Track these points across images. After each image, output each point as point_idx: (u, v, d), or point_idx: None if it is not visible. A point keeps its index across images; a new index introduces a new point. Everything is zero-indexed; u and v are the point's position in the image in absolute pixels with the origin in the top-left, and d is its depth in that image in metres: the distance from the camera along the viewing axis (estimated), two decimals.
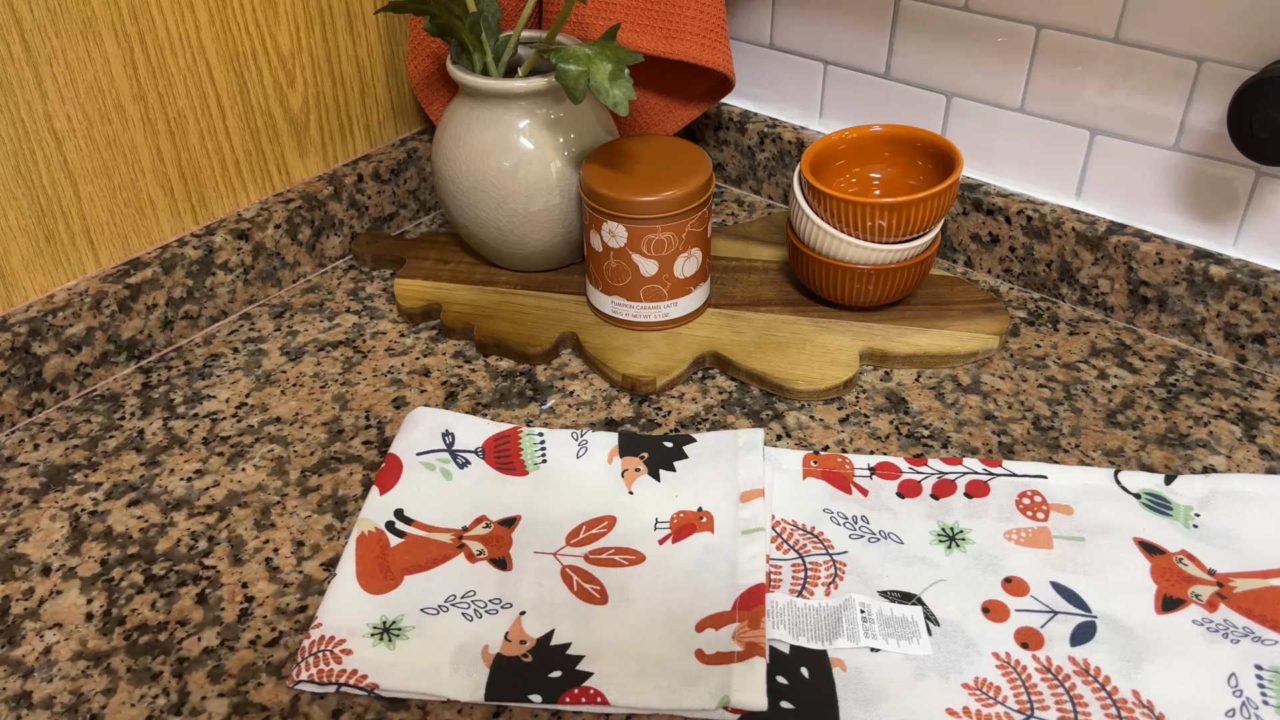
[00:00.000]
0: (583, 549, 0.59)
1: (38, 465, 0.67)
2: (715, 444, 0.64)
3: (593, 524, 0.61)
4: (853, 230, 0.70)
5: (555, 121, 0.74)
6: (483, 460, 0.64)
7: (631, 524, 0.60)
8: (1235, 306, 0.71)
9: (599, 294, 0.75)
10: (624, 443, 0.65)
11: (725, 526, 0.59)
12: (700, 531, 0.59)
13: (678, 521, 0.60)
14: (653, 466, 0.63)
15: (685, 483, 0.63)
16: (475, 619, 0.55)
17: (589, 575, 0.57)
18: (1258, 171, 0.70)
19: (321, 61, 0.81)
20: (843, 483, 0.62)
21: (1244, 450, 0.66)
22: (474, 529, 0.60)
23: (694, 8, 0.78)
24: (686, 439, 0.65)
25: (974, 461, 0.63)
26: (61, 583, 0.59)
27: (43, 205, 0.69)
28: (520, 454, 0.65)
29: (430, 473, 0.63)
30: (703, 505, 0.61)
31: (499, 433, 0.66)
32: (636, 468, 0.64)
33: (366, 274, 0.85)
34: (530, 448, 0.65)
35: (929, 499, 0.61)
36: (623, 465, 0.64)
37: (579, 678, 0.51)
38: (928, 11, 0.79)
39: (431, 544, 0.59)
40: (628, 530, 0.60)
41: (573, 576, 0.57)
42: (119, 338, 0.73)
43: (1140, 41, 0.71)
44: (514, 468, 0.64)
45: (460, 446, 0.65)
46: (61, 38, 0.66)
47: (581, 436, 0.65)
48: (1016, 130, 0.79)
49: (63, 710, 0.52)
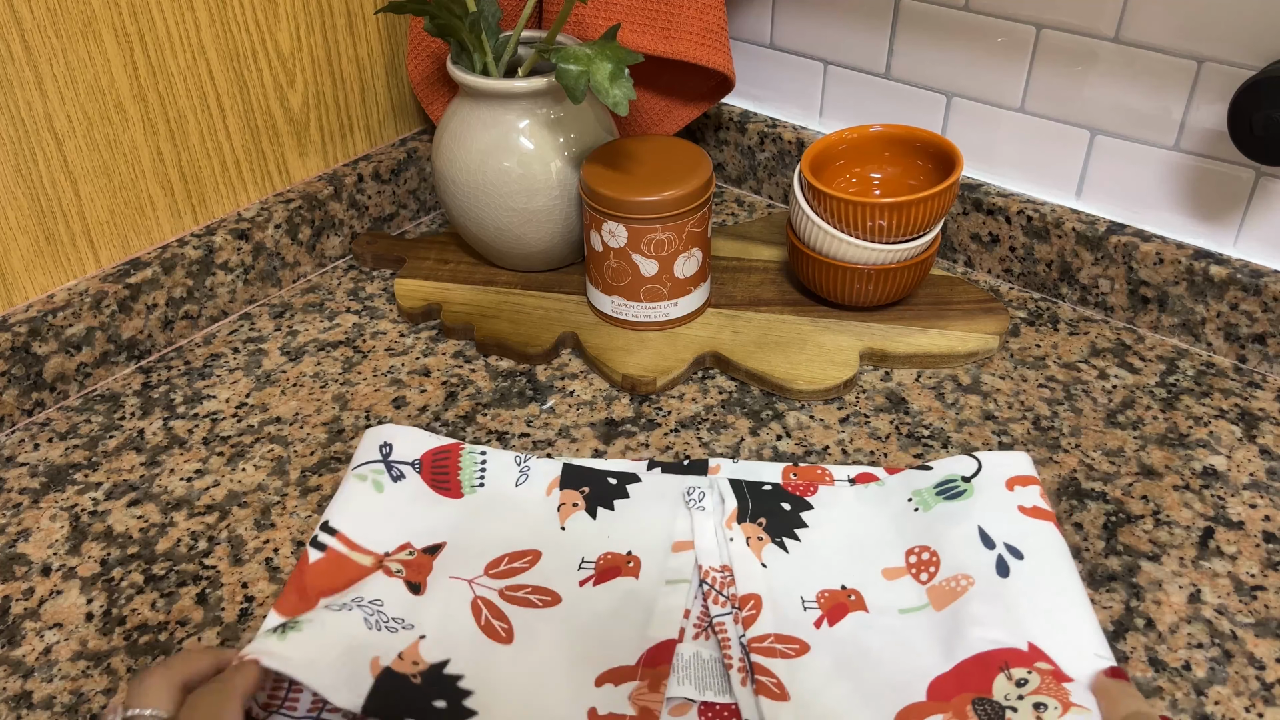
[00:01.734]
0: (500, 582, 0.56)
1: (38, 465, 0.67)
2: (659, 487, 0.61)
3: (516, 556, 0.58)
4: (853, 230, 0.70)
5: (555, 121, 0.74)
6: (418, 475, 0.61)
7: (556, 561, 0.57)
8: (1235, 306, 0.71)
9: (599, 294, 0.75)
10: (567, 475, 0.62)
11: (651, 574, 0.56)
12: (624, 576, 0.56)
13: (604, 563, 0.57)
14: (591, 503, 0.61)
15: (621, 523, 0.60)
16: (374, 629, 0.51)
17: (499, 612, 0.54)
18: (1258, 171, 0.70)
19: (321, 61, 0.81)
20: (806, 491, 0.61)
21: (1244, 450, 0.66)
22: (397, 554, 0.57)
23: (694, 8, 0.78)
24: (632, 477, 0.62)
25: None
26: (61, 583, 0.59)
27: (43, 205, 0.69)
28: (458, 473, 0.62)
29: (362, 484, 0.60)
30: (633, 549, 0.58)
31: (440, 447, 0.62)
32: (575, 502, 0.61)
33: (366, 274, 0.85)
34: (469, 467, 0.62)
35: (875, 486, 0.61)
36: (561, 498, 0.61)
37: (463, 714, 0.48)
38: (928, 11, 0.79)
39: (350, 565, 0.56)
40: (550, 568, 0.57)
41: (483, 610, 0.54)
42: (119, 338, 0.73)
43: (1140, 41, 0.71)
44: (449, 488, 0.61)
45: (396, 458, 0.61)
46: (61, 38, 0.66)
47: (524, 462, 0.63)
48: (1016, 130, 0.79)
49: (63, 710, 0.52)
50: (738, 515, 0.59)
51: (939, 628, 0.53)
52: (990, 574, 0.54)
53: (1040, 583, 0.54)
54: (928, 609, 0.54)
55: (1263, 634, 0.55)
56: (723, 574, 0.56)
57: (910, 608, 0.55)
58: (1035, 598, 0.53)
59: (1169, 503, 0.62)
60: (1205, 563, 0.59)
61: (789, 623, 0.54)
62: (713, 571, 0.56)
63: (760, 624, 0.53)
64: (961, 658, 0.51)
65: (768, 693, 0.50)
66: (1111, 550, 0.59)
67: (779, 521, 0.59)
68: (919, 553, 0.57)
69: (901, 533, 0.58)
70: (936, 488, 0.60)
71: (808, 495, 0.61)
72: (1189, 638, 0.55)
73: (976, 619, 0.52)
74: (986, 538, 0.56)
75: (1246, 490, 0.63)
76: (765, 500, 0.61)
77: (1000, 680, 0.49)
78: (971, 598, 0.53)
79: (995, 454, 0.61)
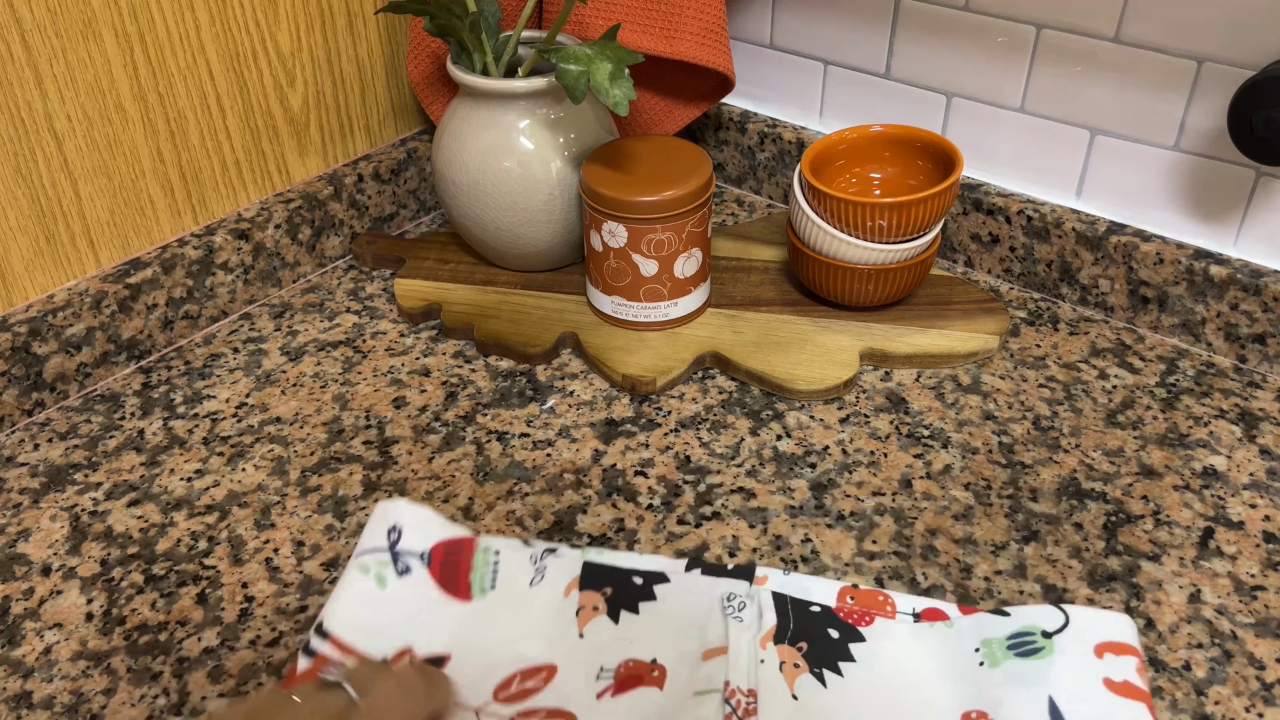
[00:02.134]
0: (511, 707, 0.50)
1: (38, 465, 0.67)
2: (693, 588, 0.54)
3: (529, 674, 0.52)
4: (853, 230, 0.70)
5: (555, 121, 0.74)
6: (425, 570, 0.54)
7: (573, 676, 0.51)
8: (1235, 306, 0.71)
9: (599, 294, 0.75)
10: (587, 574, 0.55)
11: (677, 685, 0.50)
12: (647, 686, 0.50)
13: (624, 671, 0.51)
14: (614, 606, 0.54)
15: (645, 628, 0.53)
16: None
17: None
18: (1258, 171, 0.70)
19: (321, 61, 0.81)
20: (860, 620, 0.54)
21: (1244, 450, 0.66)
22: (395, 663, 0.50)
23: (694, 7, 0.78)
24: (660, 577, 0.55)
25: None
26: (61, 583, 0.59)
27: (43, 205, 0.69)
28: (469, 572, 0.55)
29: (364, 576, 0.53)
30: (657, 657, 0.51)
31: (452, 539, 0.56)
32: (595, 605, 0.54)
33: (366, 274, 0.85)
34: (482, 566, 0.55)
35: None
36: (580, 601, 0.54)
37: None
38: (928, 11, 0.79)
39: None
40: (567, 684, 0.51)
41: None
42: (119, 338, 0.73)
43: (1140, 41, 0.71)
44: (458, 588, 0.55)
45: (405, 548, 0.55)
46: (61, 38, 0.66)
47: (541, 561, 0.56)
48: (1016, 130, 0.79)
49: (63, 710, 0.52)
50: (775, 635, 0.52)
51: None
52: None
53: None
54: None
55: (1263, 634, 0.55)
56: (749, 699, 0.49)
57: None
58: None
59: (1169, 503, 0.62)
60: (1205, 563, 0.59)
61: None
62: (739, 694, 0.49)
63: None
64: None
65: None
66: (1111, 550, 0.59)
67: (822, 650, 0.52)
68: (976, 718, 0.49)
69: (959, 691, 0.50)
70: (1009, 640, 0.51)
71: (861, 625, 0.53)
72: (1189, 638, 0.55)
73: None
74: (1057, 712, 0.48)
75: (1246, 490, 0.63)
76: (811, 623, 0.53)
77: None
78: None
79: (1089, 610, 0.52)
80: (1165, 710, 0.51)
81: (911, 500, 0.63)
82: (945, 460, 0.66)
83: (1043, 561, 0.59)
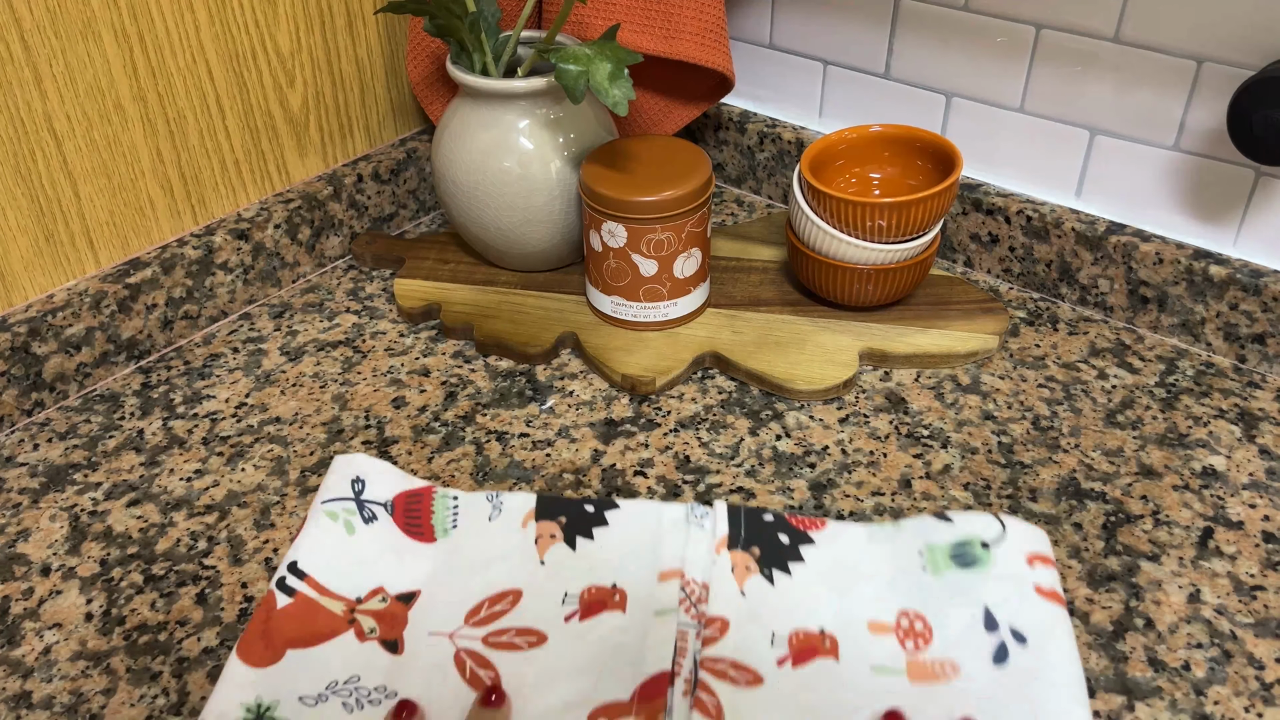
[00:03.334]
0: (481, 629, 0.54)
1: (37, 465, 0.67)
2: (639, 513, 0.59)
3: (496, 599, 0.56)
4: (853, 230, 0.70)
5: (555, 121, 0.74)
6: (390, 518, 0.59)
7: (538, 599, 0.55)
8: (1235, 306, 0.71)
9: (599, 294, 0.75)
10: (541, 506, 0.59)
11: (637, 606, 0.54)
12: (610, 610, 0.54)
13: (588, 597, 0.55)
14: (569, 533, 0.58)
15: (602, 553, 0.57)
16: (356, 709, 0.50)
17: (484, 660, 0.53)
18: (1258, 171, 0.70)
19: (321, 61, 0.81)
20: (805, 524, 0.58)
21: (1244, 450, 0.66)
22: (369, 601, 0.55)
23: (694, 8, 0.78)
24: (609, 504, 0.60)
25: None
26: (61, 583, 0.59)
27: (42, 205, 0.69)
28: (431, 516, 0.59)
29: (333, 524, 0.57)
30: (616, 581, 0.56)
31: (412, 490, 0.60)
32: (552, 534, 0.58)
33: (366, 274, 0.85)
34: (442, 510, 0.59)
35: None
36: (538, 530, 0.58)
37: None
38: (928, 11, 0.79)
39: (321, 612, 0.54)
40: (533, 605, 0.55)
41: (466, 661, 0.53)
42: (119, 338, 0.73)
43: (1140, 41, 0.71)
44: (422, 532, 0.59)
45: (369, 497, 0.59)
46: (61, 38, 0.66)
47: (497, 499, 0.60)
48: (1016, 130, 0.79)
49: (62, 710, 0.52)
50: (729, 541, 0.57)
51: (908, 697, 0.50)
52: (984, 664, 0.51)
53: (1039, 669, 0.50)
54: (902, 677, 0.51)
55: (1262, 634, 0.55)
56: (702, 589, 0.55)
57: (884, 668, 0.52)
58: (1029, 685, 0.50)
59: (1168, 503, 0.62)
60: (1205, 563, 0.59)
61: (750, 653, 0.52)
62: (693, 584, 0.55)
63: (720, 646, 0.52)
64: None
65: (703, 709, 0.49)
66: (1111, 550, 0.59)
67: (772, 552, 0.57)
68: (913, 619, 0.54)
69: (901, 589, 0.55)
70: (952, 549, 0.55)
71: (811, 530, 0.58)
72: (1189, 638, 0.55)
73: (947, 710, 0.50)
74: (991, 620, 0.52)
75: (1246, 490, 0.63)
76: (763, 529, 0.58)
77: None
78: (951, 690, 0.51)
79: (1016, 521, 0.56)
80: (1165, 710, 0.51)
81: (911, 500, 0.63)
82: (945, 460, 0.66)
83: None
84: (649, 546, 0.57)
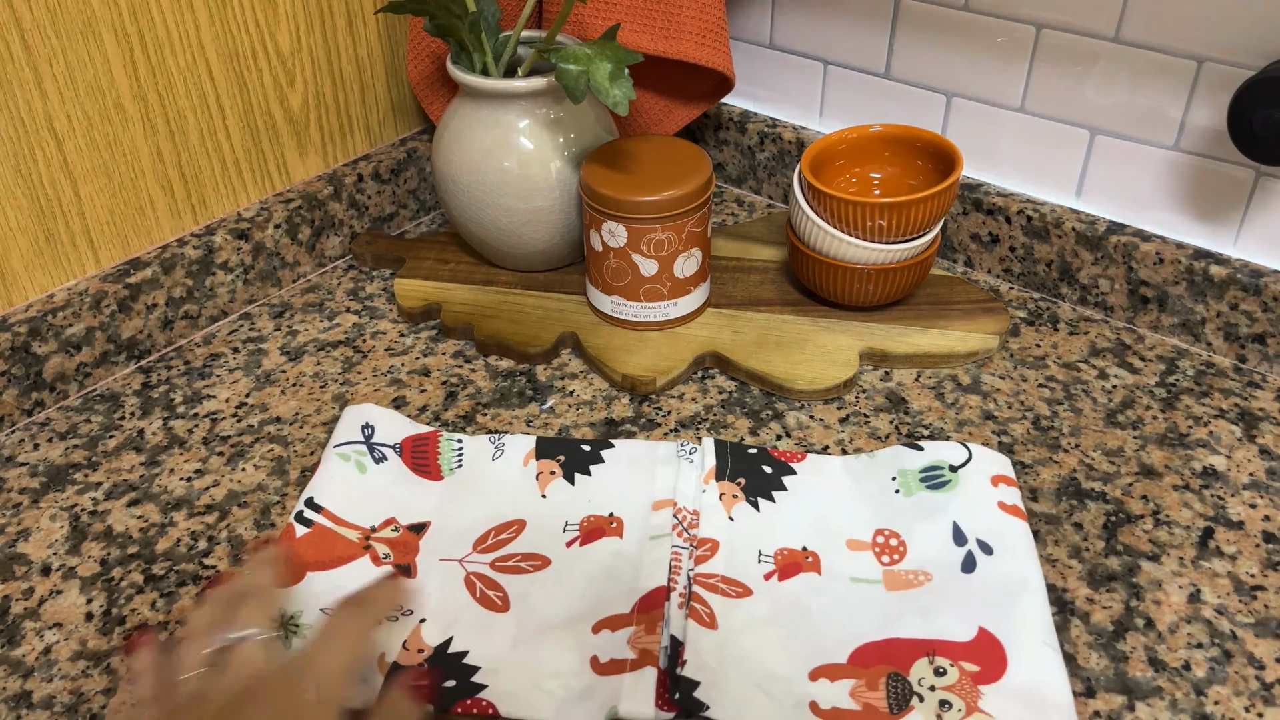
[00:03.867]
0: (489, 555, 0.58)
1: (38, 465, 0.67)
2: (633, 452, 0.64)
3: (502, 529, 0.60)
4: (853, 230, 0.70)
5: (555, 121, 0.74)
6: (399, 458, 0.63)
7: (541, 528, 0.60)
8: (1235, 306, 0.71)
9: (599, 294, 0.75)
10: (541, 446, 0.64)
11: (633, 533, 0.59)
12: (609, 536, 0.59)
13: (587, 525, 0.60)
14: (568, 469, 0.63)
15: (599, 487, 0.62)
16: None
17: (492, 582, 0.56)
18: (1258, 171, 0.70)
19: (321, 61, 0.81)
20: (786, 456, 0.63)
21: (1244, 450, 0.66)
22: (383, 530, 0.59)
23: (694, 7, 0.78)
24: (605, 444, 0.64)
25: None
26: (61, 582, 0.59)
27: (43, 205, 0.69)
28: (437, 457, 0.64)
29: (345, 464, 0.62)
30: (614, 511, 0.60)
31: (419, 434, 0.65)
32: (552, 470, 0.63)
33: (366, 274, 0.85)
34: (448, 452, 0.64)
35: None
36: (538, 468, 0.63)
37: (473, 689, 0.51)
38: (928, 11, 0.79)
39: (338, 540, 0.58)
40: (536, 534, 0.59)
41: (476, 583, 0.56)
42: (119, 337, 0.73)
43: (1140, 41, 0.71)
44: (429, 471, 0.63)
45: (378, 440, 0.64)
46: (61, 38, 0.66)
47: (499, 439, 0.64)
48: (1016, 130, 0.79)
49: (63, 710, 0.52)
50: (716, 473, 0.61)
51: (883, 603, 0.55)
52: (953, 572, 0.56)
53: (1004, 574, 0.55)
54: (879, 585, 0.56)
55: (1262, 634, 0.55)
56: (693, 515, 0.59)
57: (862, 578, 0.56)
58: (994, 588, 0.54)
59: (1169, 503, 0.62)
60: (1205, 563, 0.59)
61: (740, 570, 0.56)
62: (685, 511, 0.59)
63: (712, 564, 0.56)
64: (897, 635, 0.53)
65: (697, 618, 0.53)
66: (1111, 550, 0.59)
67: (757, 482, 0.61)
68: (888, 536, 0.59)
69: (877, 511, 0.60)
70: (922, 473, 0.61)
71: (793, 462, 0.63)
72: (1189, 638, 0.55)
73: (922, 610, 0.54)
74: (960, 534, 0.57)
75: (1246, 490, 0.63)
76: (748, 461, 0.62)
77: (921, 664, 0.51)
78: (924, 593, 0.55)
79: (982, 448, 0.62)
80: (1165, 710, 0.51)
81: None
82: None
83: (1043, 561, 0.59)
84: (643, 480, 0.62)
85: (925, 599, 0.55)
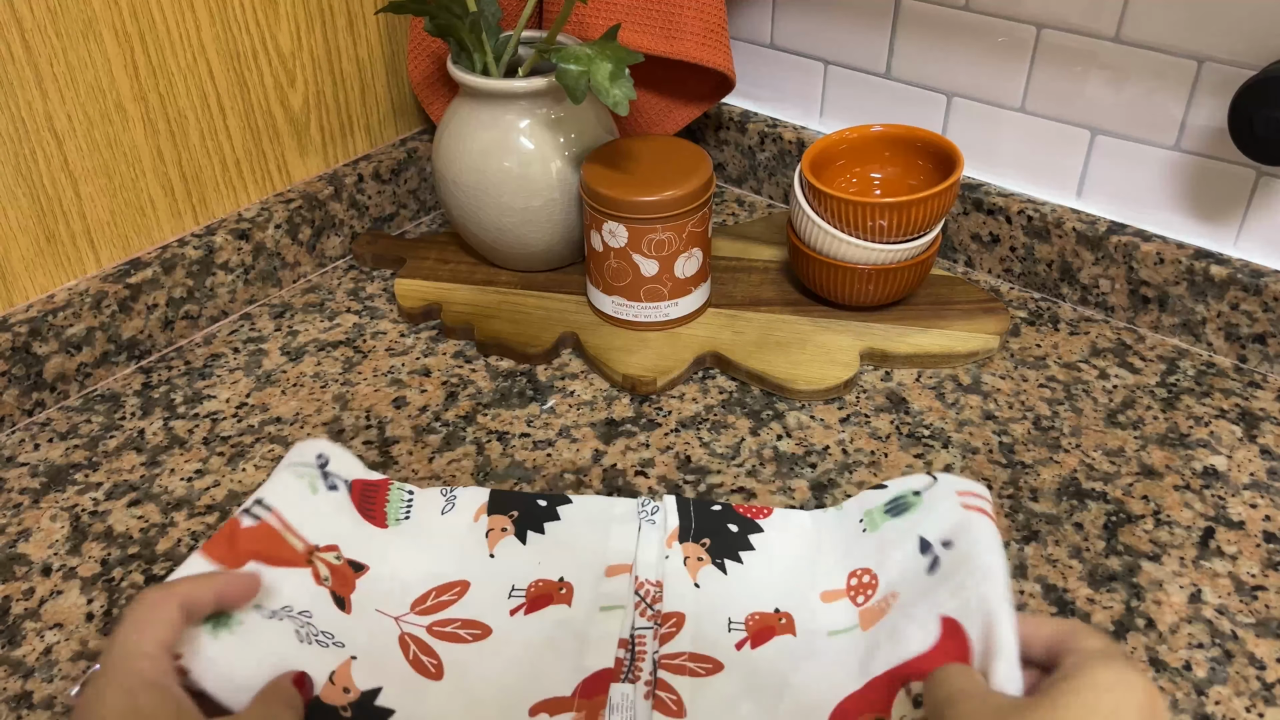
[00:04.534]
0: (427, 618, 0.55)
1: (38, 465, 0.67)
2: (589, 509, 0.60)
3: (443, 589, 0.56)
4: (853, 230, 0.70)
5: (555, 121, 0.74)
6: (348, 495, 0.58)
7: (485, 591, 0.56)
8: (1236, 306, 0.71)
9: (599, 294, 0.75)
10: (494, 500, 0.60)
11: (583, 600, 0.55)
12: (556, 604, 0.55)
13: (534, 591, 0.56)
14: (520, 527, 0.59)
15: (551, 548, 0.58)
16: (306, 643, 0.49)
17: (428, 648, 0.53)
18: (1258, 171, 0.70)
19: (322, 61, 0.81)
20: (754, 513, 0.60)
21: (1244, 450, 0.66)
22: (325, 553, 0.55)
23: (694, 7, 0.78)
24: (563, 499, 0.61)
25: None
26: (62, 583, 0.59)
27: (43, 205, 0.69)
28: (385, 505, 0.59)
29: (298, 480, 0.56)
30: (564, 575, 0.56)
31: (370, 480, 0.60)
32: (504, 527, 0.59)
33: (366, 274, 0.85)
34: (396, 501, 0.60)
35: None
36: (489, 524, 0.59)
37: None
38: (928, 11, 0.79)
39: (283, 542, 0.53)
40: (480, 598, 0.56)
41: (410, 645, 0.53)
42: (119, 338, 0.73)
43: (1140, 41, 0.71)
44: (375, 517, 0.58)
45: (331, 470, 0.58)
46: (61, 38, 0.66)
47: (450, 493, 0.61)
48: (1017, 130, 0.79)
49: (63, 710, 0.52)
50: (679, 534, 0.58)
51: (861, 647, 0.52)
52: (919, 578, 0.52)
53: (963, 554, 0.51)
54: (855, 630, 0.53)
55: (1263, 634, 0.55)
56: (656, 588, 0.56)
57: (839, 629, 0.53)
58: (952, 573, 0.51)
59: (1169, 503, 0.62)
60: (1206, 563, 0.59)
61: (708, 643, 0.53)
62: (647, 584, 0.56)
63: (677, 642, 0.53)
64: (873, 674, 0.50)
65: (664, 709, 0.49)
66: (1112, 550, 0.59)
67: (723, 542, 0.58)
68: (860, 575, 0.55)
69: (848, 555, 0.56)
70: (886, 506, 0.57)
71: (759, 518, 0.60)
72: (1189, 638, 0.55)
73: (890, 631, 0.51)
74: (925, 545, 0.54)
75: (1247, 490, 0.63)
76: (712, 520, 0.59)
77: (900, 699, 0.48)
78: (894, 610, 0.52)
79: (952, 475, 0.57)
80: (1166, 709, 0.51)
81: None
82: (945, 460, 0.66)
83: (1043, 561, 0.59)
84: (598, 541, 0.58)
85: (892, 618, 0.52)
